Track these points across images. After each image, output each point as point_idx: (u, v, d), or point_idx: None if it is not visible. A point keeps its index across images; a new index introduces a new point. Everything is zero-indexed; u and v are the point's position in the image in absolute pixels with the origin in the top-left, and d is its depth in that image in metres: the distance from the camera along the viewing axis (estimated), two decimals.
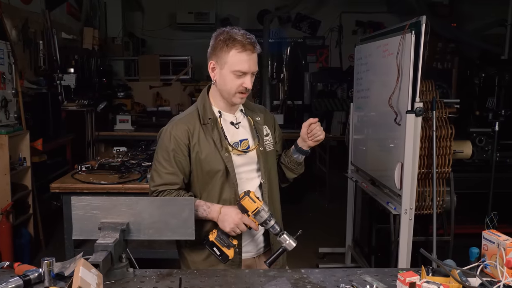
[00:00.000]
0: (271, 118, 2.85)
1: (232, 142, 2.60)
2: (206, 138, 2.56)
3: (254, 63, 2.52)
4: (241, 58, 2.48)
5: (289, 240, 2.44)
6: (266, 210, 2.44)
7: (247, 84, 2.52)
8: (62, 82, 7.62)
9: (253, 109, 2.77)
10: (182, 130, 2.57)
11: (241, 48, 2.47)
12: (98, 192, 4.10)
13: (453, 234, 4.34)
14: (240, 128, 2.67)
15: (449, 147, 4.17)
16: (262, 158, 2.65)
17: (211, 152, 2.55)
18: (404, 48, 3.84)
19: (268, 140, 2.74)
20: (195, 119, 2.60)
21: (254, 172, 2.67)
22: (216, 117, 2.61)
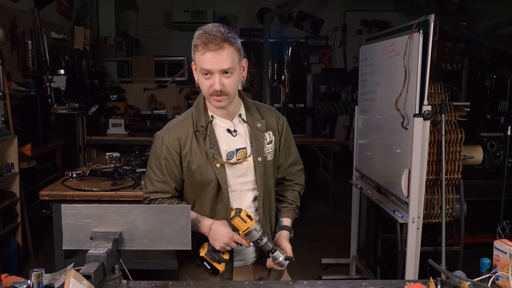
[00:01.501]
0: (279, 122, 2.77)
1: (227, 151, 2.57)
2: (199, 147, 2.54)
3: (222, 60, 2.38)
4: (203, 57, 2.40)
5: (280, 259, 2.47)
6: (258, 230, 2.42)
7: (215, 85, 2.41)
8: (51, 84, 7.63)
9: (255, 114, 2.68)
10: (174, 138, 2.57)
11: (202, 48, 2.40)
12: (89, 200, 4.09)
13: (463, 244, 4.34)
14: (237, 136, 2.61)
15: (458, 153, 4.17)
16: (259, 169, 2.60)
17: (202, 162, 2.54)
18: (412, 48, 3.84)
19: (271, 148, 2.68)
20: (189, 125, 2.59)
21: (249, 184, 2.63)
22: (208, 123, 2.57)
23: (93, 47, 10.52)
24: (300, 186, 2.89)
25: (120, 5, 12.27)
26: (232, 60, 2.40)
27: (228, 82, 2.42)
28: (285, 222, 2.72)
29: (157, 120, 9.46)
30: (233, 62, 2.41)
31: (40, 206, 6.27)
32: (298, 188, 2.87)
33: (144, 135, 8.08)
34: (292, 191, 2.85)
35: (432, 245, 4.42)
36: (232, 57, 2.40)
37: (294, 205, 2.81)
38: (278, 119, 2.77)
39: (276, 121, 2.75)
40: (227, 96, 2.46)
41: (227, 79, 2.41)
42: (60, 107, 7.63)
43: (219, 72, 2.39)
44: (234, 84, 2.45)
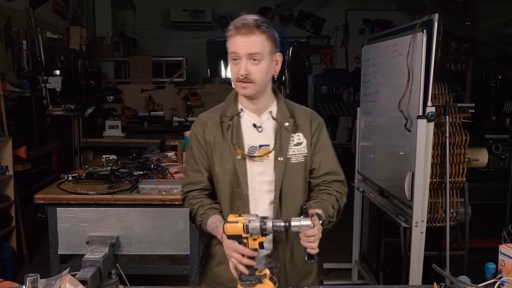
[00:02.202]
0: (313, 124, 2.65)
1: (249, 145, 2.54)
2: (223, 137, 2.55)
3: (250, 45, 2.38)
4: (233, 40, 2.41)
5: (301, 223, 2.22)
6: (255, 219, 2.24)
7: (240, 69, 2.40)
8: (47, 85, 7.62)
9: (284, 112, 2.60)
10: (200, 126, 2.61)
11: (233, 31, 2.41)
12: (85, 203, 4.09)
13: (468, 248, 4.34)
14: (263, 132, 2.57)
15: (463, 155, 4.18)
16: (278, 169, 2.53)
17: (224, 153, 2.54)
18: (415, 48, 3.85)
19: (298, 151, 2.58)
20: (217, 115, 2.61)
21: (268, 184, 2.56)
22: (235, 114, 2.57)
23: (90, 47, 10.51)
24: (339, 193, 2.65)
25: (117, 4, 12.27)
26: (262, 47, 2.41)
27: (254, 69, 2.41)
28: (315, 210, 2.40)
29: (155, 122, 9.47)
30: (262, 50, 2.41)
31: (35, 209, 6.27)
32: (336, 194, 2.63)
33: (141, 137, 8.08)
34: (329, 195, 2.61)
35: (436, 250, 4.43)
36: (262, 45, 2.41)
37: (328, 202, 2.55)
38: (312, 121, 2.66)
39: (310, 123, 2.65)
40: (253, 84, 2.44)
41: (254, 66, 2.41)
42: (56, 108, 7.62)
43: (246, 57, 2.39)
44: (261, 72, 2.44)
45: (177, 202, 3.79)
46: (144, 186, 4.06)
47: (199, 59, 12.93)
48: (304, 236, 2.23)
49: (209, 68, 13.45)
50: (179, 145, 6.11)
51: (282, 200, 2.54)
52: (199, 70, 12.96)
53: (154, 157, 5.00)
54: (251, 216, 2.24)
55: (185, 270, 4.15)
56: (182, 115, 9.83)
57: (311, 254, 2.30)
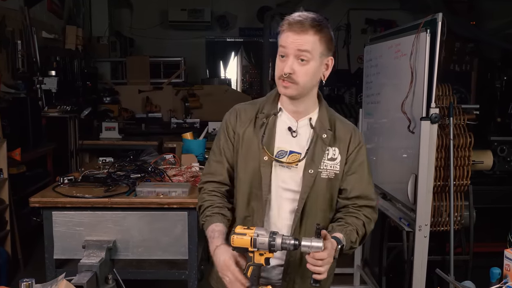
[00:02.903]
0: (353, 143, 2.51)
1: (279, 148, 2.44)
2: (254, 132, 2.46)
3: (298, 42, 2.27)
4: (284, 36, 2.31)
5: (311, 243, 2.12)
6: (264, 233, 2.16)
7: (286, 67, 2.28)
8: (42, 86, 7.62)
9: (325, 123, 2.47)
10: (234, 115, 2.53)
11: (286, 27, 2.31)
12: (82, 207, 4.08)
13: (472, 253, 4.35)
14: (297, 138, 2.45)
15: (467, 157, 4.18)
16: (306, 182, 2.40)
17: (251, 150, 2.45)
18: (419, 48, 3.85)
19: (331, 166, 2.45)
20: (253, 110, 2.53)
21: (291, 194, 2.44)
22: (272, 113, 2.47)
23: (86, 47, 10.51)
24: (367, 219, 2.49)
25: (113, 3, 12.28)
26: (313, 48, 2.29)
27: (300, 69, 2.29)
28: (335, 235, 2.29)
29: (153, 124, 9.48)
30: (312, 50, 2.29)
31: (30, 213, 6.27)
32: (364, 219, 2.47)
33: (139, 139, 8.08)
34: (356, 218, 2.46)
35: (440, 254, 4.43)
36: (313, 45, 2.29)
37: (353, 227, 2.40)
38: (353, 138, 2.52)
39: (350, 140, 2.51)
40: (296, 85, 2.32)
41: (300, 66, 2.29)
42: (51, 110, 7.63)
43: (294, 55, 2.28)
44: (307, 74, 2.32)
45: (175, 205, 3.78)
46: (141, 189, 4.06)
47: (197, 59, 12.94)
48: (312, 259, 2.12)
49: (208, 69, 13.45)
50: (177, 147, 6.10)
51: (305, 214, 2.42)
52: (198, 71, 12.97)
53: (152, 160, 4.99)
54: (260, 230, 2.18)
55: (183, 275, 4.14)
56: (181, 116, 9.83)
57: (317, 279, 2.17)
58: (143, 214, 2.53)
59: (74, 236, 2.26)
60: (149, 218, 2.29)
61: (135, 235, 2.23)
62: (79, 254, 2.20)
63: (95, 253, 2.21)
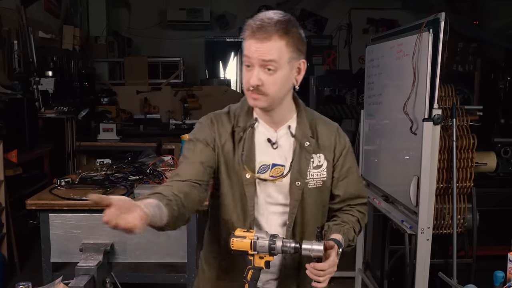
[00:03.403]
0: (338, 147, 2.42)
1: (261, 163, 2.32)
2: (233, 147, 2.32)
3: (265, 51, 2.11)
4: (247, 44, 2.16)
5: (312, 246, 2.13)
6: (264, 236, 2.15)
7: (252, 79, 2.14)
8: (39, 87, 7.62)
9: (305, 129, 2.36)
10: (213, 121, 2.36)
11: (249, 34, 2.15)
12: (79, 209, 4.07)
13: (476, 256, 4.35)
14: (278, 149, 2.34)
15: (471, 159, 4.18)
16: (294, 195, 2.32)
17: (232, 166, 2.31)
18: (421, 48, 3.85)
19: (317, 174, 2.36)
20: (229, 121, 2.36)
21: (281, 208, 2.36)
22: (248, 126, 2.32)
23: (83, 47, 10.50)
24: (361, 214, 2.50)
25: (111, 3, 12.26)
26: (279, 55, 2.13)
27: (268, 79, 2.15)
28: (334, 236, 2.27)
29: (151, 125, 9.48)
30: (279, 58, 2.13)
31: (26, 216, 6.27)
32: (358, 214, 2.48)
33: (137, 140, 8.08)
34: (351, 215, 2.46)
35: (443, 257, 4.43)
36: (279, 51, 2.13)
37: (350, 225, 2.39)
38: (337, 143, 2.43)
39: (335, 145, 2.42)
40: (266, 96, 2.18)
41: (268, 76, 2.14)
42: (48, 111, 7.63)
43: (259, 64, 2.13)
44: (276, 84, 2.16)
45: None
46: (139, 192, 4.05)
47: (197, 59, 12.92)
48: (313, 269, 2.12)
49: (207, 69, 13.43)
50: (176, 149, 6.11)
51: (297, 227, 2.37)
52: (197, 71, 12.95)
53: (150, 162, 4.99)
54: (261, 233, 2.17)
55: (182, 278, 4.14)
56: (179, 117, 9.84)
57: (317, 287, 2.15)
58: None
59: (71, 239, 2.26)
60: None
61: (133, 238, 2.23)
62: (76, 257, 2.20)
63: (93, 256, 2.21)
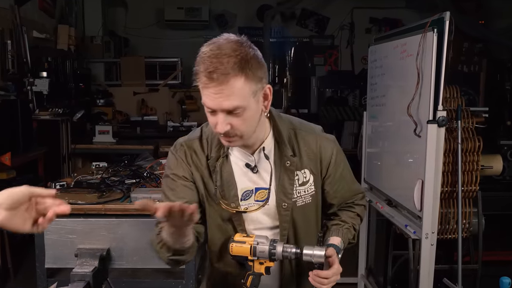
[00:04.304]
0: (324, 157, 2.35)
1: (243, 189, 2.27)
2: (212, 179, 2.27)
3: (226, 98, 1.99)
4: (205, 90, 2.03)
5: (313, 252, 2.13)
6: (264, 241, 2.15)
7: (219, 127, 2.05)
8: (33, 88, 7.62)
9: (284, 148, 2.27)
10: (187, 152, 2.32)
11: (204, 77, 2.01)
12: (74, 213, 4.07)
13: (481, 261, 4.34)
14: (259, 172, 2.28)
15: (476, 162, 4.18)
16: (283, 217, 2.29)
17: (213, 198, 2.27)
18: (425, 48, 3.85)
19: (305, 191, 2.32)
20: (203, 150, 2.31)
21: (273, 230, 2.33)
22: (221, 156, 2.26)
23: (78, 47, 10.48)
24: (360, 207, 2.53)
25: (107, 1, 12.26)
26: (242, 95, 2.00)
27: (237, 122, 2.05)
28: (333, 240, 2.31)
29: (148, 127, 9.47)
30: (243, 98, 2.01)
31: None
32: (357, 209, 2.51)
33: (133, 143, 8.06)
34: (350, 212, 2.49)
35: (448, 263, 4.43)
36: (242, 92, 1.99)
37: (349, 224, 2.42)
38: (323, 153, 2.35)
39: (320, 156, 2.35)
40: (239, 137, 2.11)
41: (236, 119, 2.04)
42: (43, 112, 7.63)
43: (223, 113, 2.03)
44: (246, 123, 2.07)
45: None
46: (136, 195, 4.06)
47: (195, 60, 12.87)
48: (317, 277, 2.11)
49: None
50: None
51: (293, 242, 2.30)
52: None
53: (147, 165, 5.00)
54: (260, 237, 2.17)
55: (180, 284, 4.14)
56: (177, 119, 9.83)
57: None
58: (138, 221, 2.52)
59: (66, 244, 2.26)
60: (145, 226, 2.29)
61: (130, 243, 2.23)
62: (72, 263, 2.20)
63: (88, 262, 2.21)
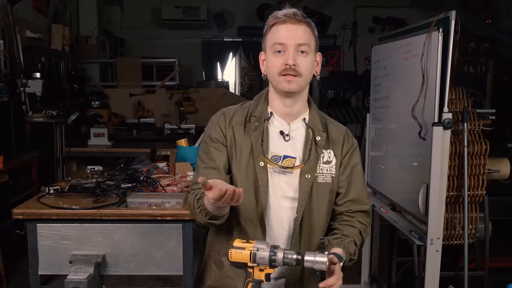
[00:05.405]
0: (346, 144, 2.60)
1: (272, 154, 2.47)
2: (245, 137, 2.48)
3: (297, 35, 2.37)
4: (278, 29, 2.40)
5: (315, 258, 2.13)
6: (264, 247, 2.17)
7: (288, 59, 2.34)
8: (26, 89, 7.62)
9: (317, 125, 2.54)
10: (224, 117, 2.54)
11: (279, 21, 2.41)
12: (68, 219, 4.07)
13: (488, 268, 4.34)
14: (290, 141, 2.50)
15: (483, 166, 4.18)
16: (304, 188, 2.45)
17: (244, 155, 2.47)
18: (430, 49, 3.86)
19: (327, 170, 2.52)
20: (242, 113, 2.55)
21: (290, 201, 2.48)
22: (263, 117, 2.50)
23: (73, 47, 10.50)
24: (363, 226, 2.59)
25: (103, 0, 12.28)
26: (309, 40, 2.41)
27: (302, 61, 2.38)
28: (334, 250, 2.34)
29: (145, 130, 9.50)
30: (310, 42, 2.40)
31: (13, 225, 6.26)
32: (360, 226, 2.57)
33: (130, 146, 8.09)
34: (352, 227, 2.54)
35: (453, 270, 4.43)
36: (309, 37, 2.41)
37: (351, 239, 2.47)
38: (346, 140, 2.61)
39: (343, 142, 2.60)
40: (300, 77, 2.39)
41: (302, 58, 2.38)
42: (36, 114, 7.63)
43: (294, 47, 2.36)
44: (308, 67, 2.41)
45: (168, 217, 3.78)
46: (132, 200, 4.05)
47: (193, 60, 12.95)
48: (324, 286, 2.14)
49: (204, 71, 13.45)
50: (171, 155, 6.11)
51: (304, 223, 2.47)
52: (193, 73, 12.98)
53: (144, 168, 4.99)
54: (260, 243, 2.19)
55: None
56: (175, 122, 9.85)
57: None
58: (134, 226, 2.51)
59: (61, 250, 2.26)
60: (141, 231, 2.29)
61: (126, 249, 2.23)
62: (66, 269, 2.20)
63: (83, 268, 2.21)
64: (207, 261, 2.67)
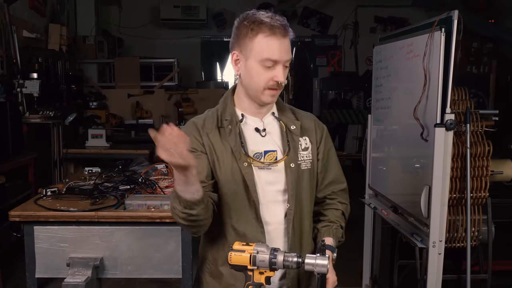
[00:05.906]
0: (318, 129, 2.72)
1: (253, 152, 2.50)
2: (222, 142, 2.50)
3: (286, 51, 2.40)
4: (269, 43, 2.37)
5: (316, 261, 2.15)
6: (264, 250, 2.18)
7: (278, 76, 2.39)
8: (23, 90, 7.62)
9: (288, 115, 2.65)
10: (195, 127, 2.56)
11: (269, 32, 2.37)
12: (66, 221, 4.07)
13: (491, 271, 4.34)
14: (267, 136, 2.56)
15: (486, 168, 4.18)
16: (291, 176, 2.52)
17: (226, 160, 2.48)
18: (433, 49, 3.86)
19: (306, 156, 2.62)
20: (213, 119, 2.56)
21: (280, 194, 2.54)
22: (235, 120, 2.53)
23: (71, 47, 10.51)
24: (344, 205, 2.76)
25: (100, 0, 12.27)
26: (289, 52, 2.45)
27: (285, 74, 2.44)
28: (327, 241, 2.50)
29: (143, 131, 9.48)
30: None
31: (10, 228, 6.26)
32: (342, 207, 2.74)
33: (128, 147, 8.09)
34: (335, 210, 2.72)
35: (456, 273, 4.43)
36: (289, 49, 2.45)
37: (337, 224, 2.65)
38: (317, 126, 2.72)
39: (315, 127, 2.71)
40: (280, 90, 2.48)
41: (285, 71, 2.44)
42: (33, 115, 7.63)
43: (283, 63, 2.40)
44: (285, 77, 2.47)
45: (167, 219, 3.78)
46: (131, 202, 4.06)
47: (192, 60, 12.95)
48: None
49: (203, 71, 13.47)
50: None
51: (296, 212, 2.54)
52: (192, 73, 12.98)
53: (142, 170, 4.99)
54: (260, 246, 2.19)
55: None
56: (174, 123, 9.78)
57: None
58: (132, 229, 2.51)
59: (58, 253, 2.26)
60: (139, 234, 2.29)
61: (124, 252, 2.23)
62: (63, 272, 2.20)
63: (81, 271, 2.21)
64: (201, 276, 2.69)
